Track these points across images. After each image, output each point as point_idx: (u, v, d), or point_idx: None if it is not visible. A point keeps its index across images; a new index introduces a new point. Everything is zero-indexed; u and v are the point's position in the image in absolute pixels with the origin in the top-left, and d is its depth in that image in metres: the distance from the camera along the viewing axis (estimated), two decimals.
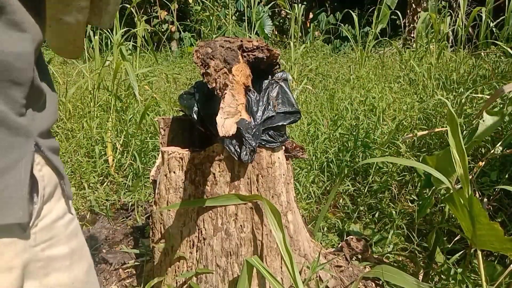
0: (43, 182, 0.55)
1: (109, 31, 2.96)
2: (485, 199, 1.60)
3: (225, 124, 0.91)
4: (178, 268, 1.22)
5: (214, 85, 1.04)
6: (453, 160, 1.12)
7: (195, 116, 1.23)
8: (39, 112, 0.55)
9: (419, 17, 4.59)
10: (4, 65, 0.48)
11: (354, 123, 2.52)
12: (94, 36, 2.90)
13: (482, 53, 3.52)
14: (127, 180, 2.15)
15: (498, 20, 3.56)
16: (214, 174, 1.11)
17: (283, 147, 1.21)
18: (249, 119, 0.98)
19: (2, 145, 0.48)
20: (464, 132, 1.74)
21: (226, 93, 0.97)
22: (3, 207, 0.48)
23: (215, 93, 1.02)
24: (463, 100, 2.37)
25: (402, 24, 5.22)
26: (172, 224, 1.19)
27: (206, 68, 1.10)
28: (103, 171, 2.23)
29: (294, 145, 1.26)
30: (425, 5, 6.13)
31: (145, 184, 2.16)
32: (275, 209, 1.06)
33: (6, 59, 0.47)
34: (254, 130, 1.07)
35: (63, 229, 0.59)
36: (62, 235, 0.58)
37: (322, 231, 1.76)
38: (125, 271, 1.53)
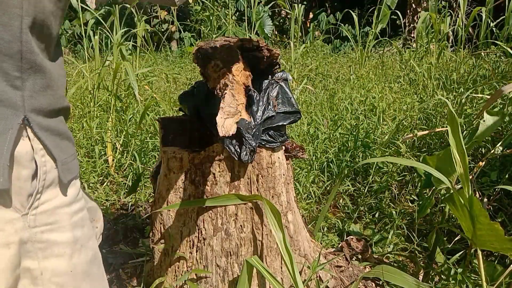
0: (44, 167, 0.57)
1: (109, 31, 2.96)
2: (485, 199, 1.60)
3: (225, 124, 0.91)
4: (178, 268, 1.22)
5: (214, 85, 1.04)
6: (453, 160, 1.12)
7: (195, 116, 1.23)
8: (39, 90, 0.57)
9: (419, 17, 4.59)
10: None
11: (354, 123, 2.52)
12: (94, 36, 2.90)
13: (482, 53, 3.52)
14: (127, 180, 2.15)
15: (498, 20, 3.56)
16: (214, 174, 1.11)
17: (283, 147, 1.21)
18: (249, 119, 0.98)
19: None
20: (464, 132, 1.74)
21: (226, 93, 0.97)
22: None
23: (215, 93, 1.02)
24: (463, 100, 2.37)
25: (402, 24, 5.22)
26: (172, 224, 1.19)
27: (206, 68, 1.10)
28: (103, 171, 2.23)
29: (294, 145, 1.26)
30: (425, 5, 6.13)
31: (145, 184, 2.16)
32: (275, 209, 1.06)
33: None
34: (254, 130, 1.07)
35: (67, 217, 0.60)
36: (65, 222, 0.59)
37: (322, 231, 1.76)
38: (125, 271, 1.53)
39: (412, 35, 5.81)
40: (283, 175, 1.18)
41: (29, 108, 0.55)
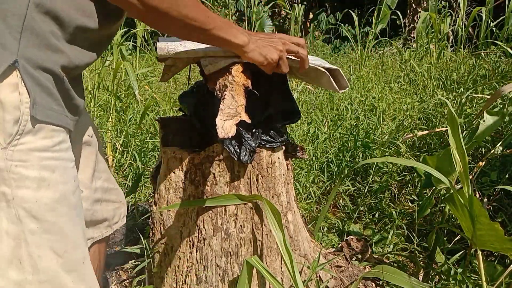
0: (26, 116, 0.70)
1: None
2: (485, 199, 1.60)
3: (225, 126, 0.91)
4: (178, 268, 1.22)
5: (213, 85, 1.04)
6: (453, 160, 1.12)
7: (195, 116, 1.23)
8: (36, 47, 0.70)
9: (419, 17, 4.60)
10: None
11: (354, 123, 2.52)
12: None
13: (482, 53, 3.52)
14: (127, 180, 2.15)
15: (498, 20, 3.56)
16: (214, 174, 1.11)
17: (283, 147, 1.21)
18: (248, 120, 0.98)
19: None
20: (464, 132, 1.74)
21: (225, 94, 0.97)
22: None
23: (215, 94, 1.02)
24: (463, 100, 2.37)
25: (402, 24, 5.22)
26: (172, 224, 1.19)
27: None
28: None
29: (294, 145, 1.26)
30: (425, 5, 6.13)
31: (145, 184, 2.16)
32: (275, 209, 1.06)
33: None
34: (253, 131, 1.07)
35: (37, 159, 0.72)
36: (35, 162, 0.72)
37: (322, 231, 1.76)
38: (125, 271, 1.53)
39: (412, 35, 5.81)
40: (283, 175, 1.18)
41: (22, 54, 0.68)
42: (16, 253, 0.71)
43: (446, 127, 1.22)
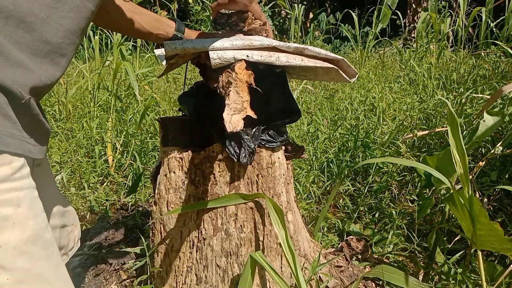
0: None
1: (109, 31, 2.96)
2: (485, 199, 1.60)
3: (232, 120, 0.90)
4: (178, 268, 1.22)
5: (216, 84, 1.04)
6: (453, 160, 1.12)
7: (195, 116, 1.23)
8: None
9: (419, 17, 4.60)
10: None
11: (354, 123, 2.52)
12: (94, 36, 2.90)
13: (482, 53, 3.52)
14: (127, 180, 2.15)
15: (498, 20, 3.56)
16: (214, 174, 1.11)
17: (283, 147, 1.21)
18: (254, 115, 0.98)
19: None
20: (464, 132, 1.74)
21: (230, 90, 0.96)
22: None
23: (218, 91, 1.01)
24: (463, 100, 2.37)
25: (402, 24, 5.22)
26: (172, 224, 1.19)
27: (205, 69, 1.10)
28: (103, 171, 2.23)
29: (294, 145, 1.26)
30: (425, 5, 6.13)
31: (145, 184, 2.16)
32: (278, 207, 1.06)
33: None
34: (253, 131, 1.07)
35: None
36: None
37: (322, 231, 1.76)
38: (125, 271, 1.53)
39: (412, 35, 5.81)
40: (283, 175, 1.18)
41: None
42: None
43: (446, 127, 1.22)
